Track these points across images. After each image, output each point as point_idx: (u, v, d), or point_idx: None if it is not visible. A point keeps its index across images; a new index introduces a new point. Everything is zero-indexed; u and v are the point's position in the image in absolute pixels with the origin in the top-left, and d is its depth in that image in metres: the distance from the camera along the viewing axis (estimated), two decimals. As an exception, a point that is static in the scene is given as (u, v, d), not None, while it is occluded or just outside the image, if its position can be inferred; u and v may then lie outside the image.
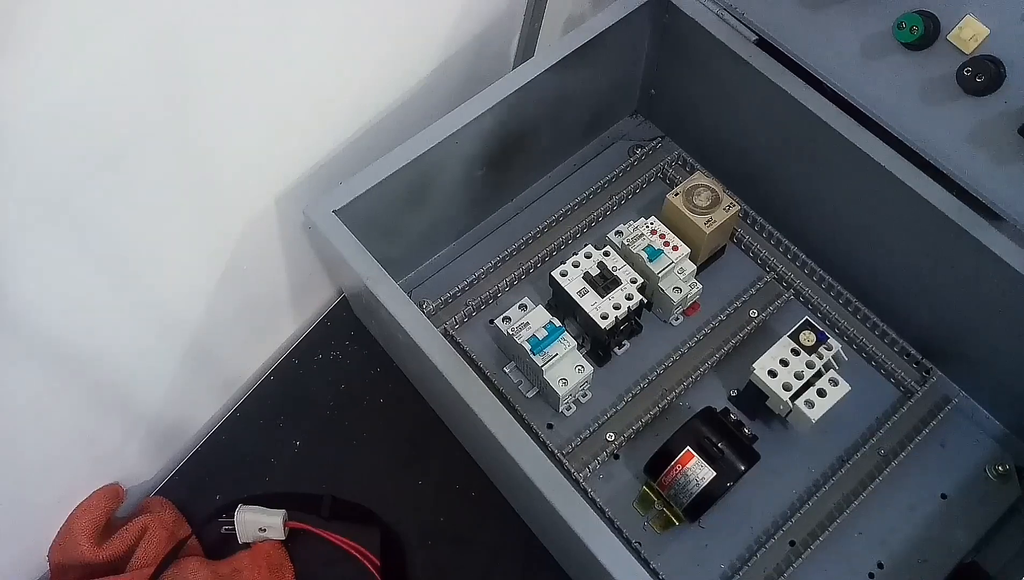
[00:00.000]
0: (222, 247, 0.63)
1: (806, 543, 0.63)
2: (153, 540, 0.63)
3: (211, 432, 0.72)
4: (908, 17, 0.57)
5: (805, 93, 0.65)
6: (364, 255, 0.59)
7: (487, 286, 0.74)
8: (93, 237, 0.52)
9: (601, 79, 0.75)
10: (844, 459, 0.66)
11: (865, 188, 0.64)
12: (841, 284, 0.72)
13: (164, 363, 0.65)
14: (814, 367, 0.62)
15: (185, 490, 0.69)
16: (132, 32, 0.46)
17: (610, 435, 0.67)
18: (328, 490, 0.68)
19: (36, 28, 0.41)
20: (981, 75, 0.55)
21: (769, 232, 0.76)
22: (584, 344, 0.70)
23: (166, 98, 0.50)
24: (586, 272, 0.67)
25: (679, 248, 0.68)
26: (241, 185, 0.61)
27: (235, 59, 0.53)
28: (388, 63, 0.67)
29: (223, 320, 0.67)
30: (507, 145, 0.71)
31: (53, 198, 0.47)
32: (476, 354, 0.70)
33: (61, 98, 0.44)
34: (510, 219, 0.78)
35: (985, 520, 0.64)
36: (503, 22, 0.78)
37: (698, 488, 0.60)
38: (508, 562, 0.66)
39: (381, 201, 0.63)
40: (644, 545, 0.63)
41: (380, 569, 0.65)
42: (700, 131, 0.79)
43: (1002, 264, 0.57)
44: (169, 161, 0.54)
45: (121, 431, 0.64)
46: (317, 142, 0.66)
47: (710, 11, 0.69)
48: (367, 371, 0.74)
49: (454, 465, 0.70)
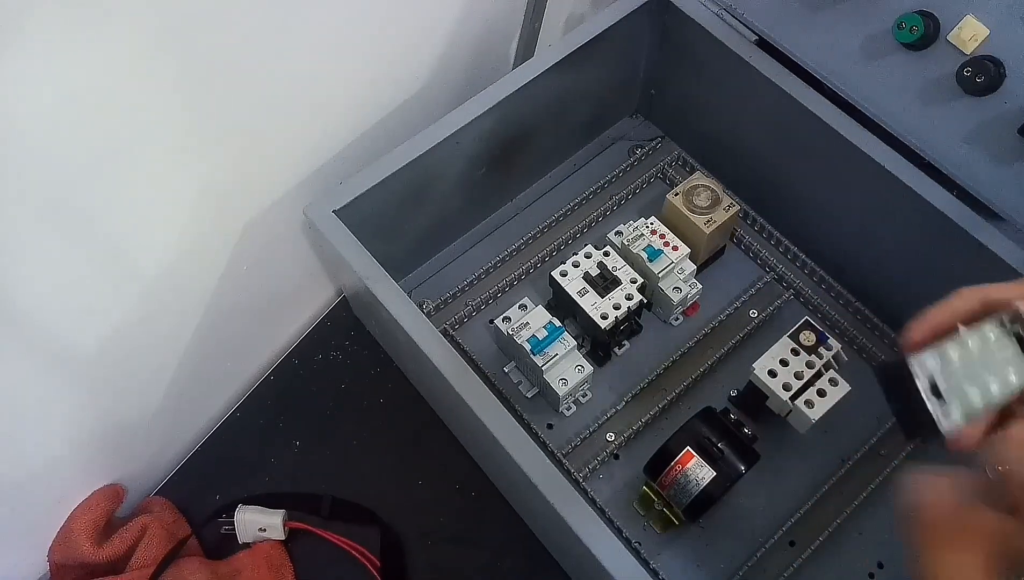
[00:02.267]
0: (222, 247, 0.63)
1: (806, 543, 0.63)
2: (153, 540, 0.63)
3: (211, 432, 0.72)
4: (908, 17, 0.57)
5: (805, 93, 0.65)
6: (364, 255, 0.59)
7: (487, 286, 0.74)
8: (93, 237, 0.52)
9: (601, 79, 0.75)
10: (844, 459, 0.66)
11: (865, 188, 0.64)
12: (841, 284, 0.72)
13: (164, 363, 0.65)
14: (814, 367, 0.62)
15: (185, 490, 0.69)
16: (132, 32, 0.46)
17: (610, 435, 0.67)
18: (328, 490, 0.68)
19: (36, 27, 0.41)
20: (981, 75, 0.55)
21: (769, 232, 0.76)
22: (584, 344, 0.70)
23: (166, 98, 0.50)
24: (586, 272, 0.67)
25: (679, 248, 0.68)
26: (241, 185, 0.61)
27: (235, 59, 0.53)
28: (388, 63, 0.67)
29: (223, 320, 0.67)
30: (507, 145, 0.71)
31: (53, 197, 0.47)
32: (476, 354, 0.70)
33: (61, 97, 0.44)
34: (510, 219, 0.78)
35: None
36: (503, 22, 0.78)
37: (698, 488, 0.60)
38: (508, 562, 0.66)
39: (381, 201, 0.63)
40: (644, 545, 0.63)
41: (380, 569, 0.65)
42: (700, 131, 0.79)
43: (1002, 264, 0.57)
44: (169, 161, 0.54)
45: (121, 431, 0.64)
46: (317, 142, 0.66)
47: (710, 11, 0.69)
48: (367, 371, 0.74)
49: (454, 465, 0.70)
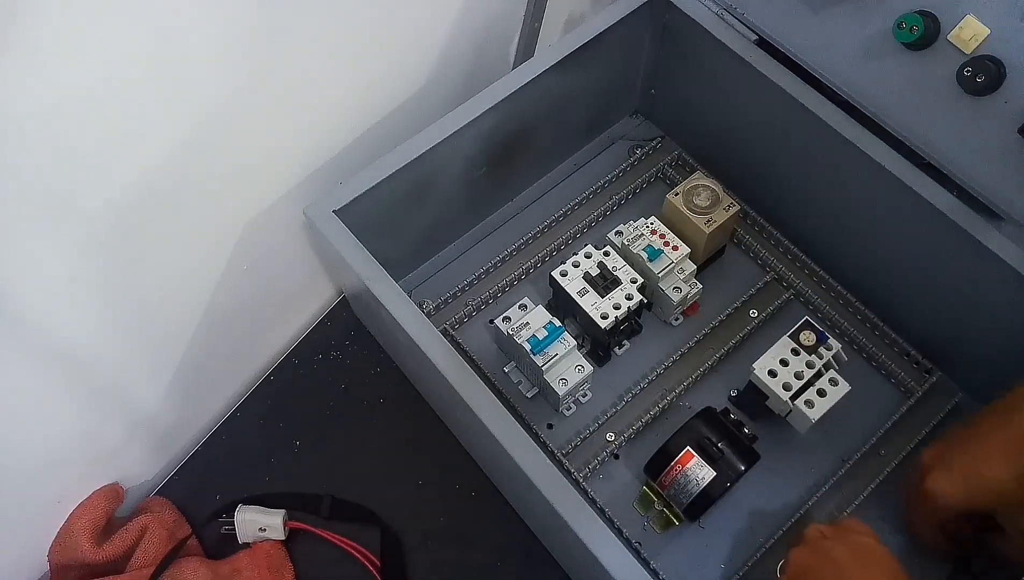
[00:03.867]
0: (222, 247, 0.63)
1: (806, 543, 0.63)
2: (153, 540, 0.63)
3: (211, 432, 0.72)
4: (908, 17, 0.57)
5: (805, 93, 0.65)
6: (364, 255, 0.59)
7: (487, 286, 0.74)
8: (92, 236, 0.52)
9: (601, 79, 0.75)
10: (844, 459, 0.66)
11: (865, 188, 0.64)
12: (841, 284, 0.72)
13: (164, 363, 0.65)
14: (814, 367, 0.62)
15: (185, 490, 0.69)
16: (132, 31, 0.46)
17: (610, 435, 0.67)
18: (328, 490, 0.68)
19: (36, 27, 0.41)
20: (981, 75, 0.55)
21: (769, 232, 0.76)
22: (584, 344, 0.70)
23: (165, 98, 0.50)
24: (586, 272, 0.67)
25: (679, 248, 0.68)
26: (241, 185, 0.61)
27: (235, 59, 0.53)
28: (388, 63, 0.67)
29: (223, 320, 0.67)
30: (507, 145, 0.71)
31: (53, 197, 0.47)
32: (476, 354, 0.70)
33: (61, 96, 0.44)
34: (510, 219, 0.78)
35: (985, 520, 0.64)
36: (503, 22, 0.78)
37: (698, 488, 0.60)
38: (508, 562, 0.66)
39: (381, 201, 0.63)
40: (644, 545, 0.63)
41: (380, 569, 0.65)
42: (700, 131, 0.79)
43: (1002, 264, 0.57)
44: (169, 161, 0.54)
45: (121, 431, 0.64)
46: (317, 142, 0.66)
47: (710, 11, 0.69)
48: (367, 371, 0.74)
49: (454, 465, 0.70)
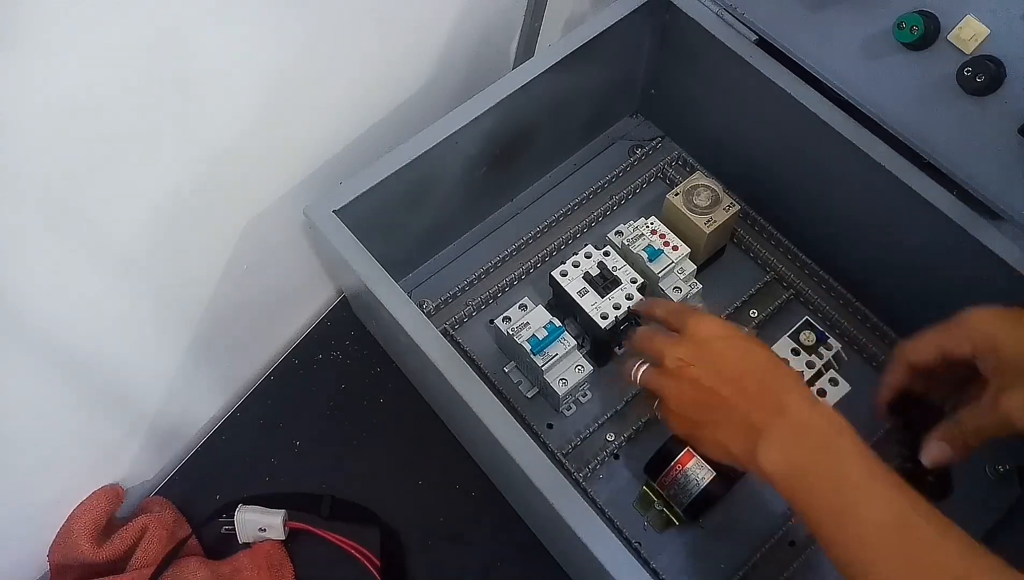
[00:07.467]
0: (222, 247, 0.63)
1: (806, 543, 0.63)
2: (153, 540, 0.63)
3: (211, 432, 0.72)
4: (908, 17, 0.57)
5: (805, 93, 0.65)
6: (364, 255, 0.59)
7: (487, 286, 0.74)
8: (92, 236, 0.52)
9: (601, 79, 0.75)
10: (844, 459, 0.66)
11: (865, 188, 0.64)
12: (841, 284, 0.72)
13: (164, 363, 0.65)
14: (814, 367, 0.62)
15: (185, 490, 0.69)
16: (132, 31, 0.46)
17: (610, 435, 0.67)
18: (328, 490, 0.68)
19: (36, 27, 0.41)
20: (981, 75, 0.55)
21: (769, 232, 0.76)
22: (584, 344, 0.70)
23: (165, 99, 0.50)
24: (586, 272, 0.67)
25: (679, 248, 0.68)
26: (241, 185, 0.61)
27: (235, 59, 0.53)
28: (388, 63, 0.67)
29: (223, 320, 0.67)
30: (507, 145, 0.71)
31: (53, 197, 0.47)
32: (476, 354, 0.70)
33: (61, 97, 0.44)
34: (510, 219, 0.78)
35: (985, 520, 0.63)
36: (503, 22, 0.78)
37: (698, 488, 0.60)
38: (508, 562, 0.66)
39: (381, 201, 0.63)
40: (644, 545, 0.63)
41: (380, 569, 0.65)
42: (700, 131, 0.79)
43: (1002, 264, 0.57)
44: (169, 162, 0.54)
45: (121, 431, 0.64)
46: (317, 142, 0.66)
47: (710, 11, 0.69)
48: (367, 371, 0.74)
49: (454, 465, 0.70)
